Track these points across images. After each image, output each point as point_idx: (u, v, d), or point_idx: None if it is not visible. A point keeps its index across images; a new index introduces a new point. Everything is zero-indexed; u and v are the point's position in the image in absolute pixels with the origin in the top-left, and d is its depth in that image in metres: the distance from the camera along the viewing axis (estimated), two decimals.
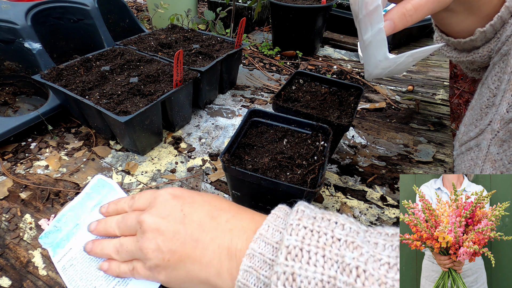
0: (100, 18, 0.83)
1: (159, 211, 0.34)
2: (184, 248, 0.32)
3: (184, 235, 0.32)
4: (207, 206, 0.35)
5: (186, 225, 0.33)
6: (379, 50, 0.36)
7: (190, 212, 0.34)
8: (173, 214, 0.34)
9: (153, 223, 0.33)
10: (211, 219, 0.33)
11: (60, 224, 0.48)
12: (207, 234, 0.32)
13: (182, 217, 0.33)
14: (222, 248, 0.31)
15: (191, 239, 0.32)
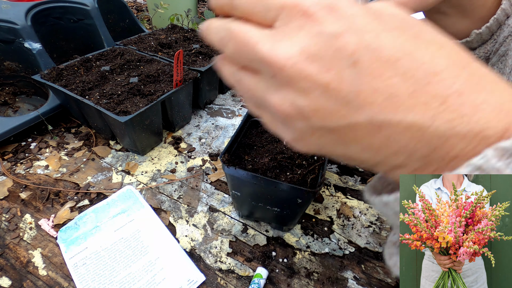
0: (100, 18, 0.83)
1: (303, 47, 0.17)
2: (352, 131, 0.18)
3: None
4: (405, 62, 0.17)
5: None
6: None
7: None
8: (337, 66, 0.16)
9: (292, 68, 0.17)
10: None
11: (80, 222, 0.49)
12: (401, 115, 0.17)
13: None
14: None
15: (366, 121, 0.17)
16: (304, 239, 0.50)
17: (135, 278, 0.43)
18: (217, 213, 0.54)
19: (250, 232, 0.51)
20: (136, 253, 0.47)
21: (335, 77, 0.16)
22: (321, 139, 0.19)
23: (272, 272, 0.46)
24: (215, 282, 0.44)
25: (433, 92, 0.16)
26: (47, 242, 0.48)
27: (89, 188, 0.57)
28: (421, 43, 0.16)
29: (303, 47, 0.16)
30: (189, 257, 0.47)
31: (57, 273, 0.44)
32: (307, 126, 0.18)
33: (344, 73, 0.16)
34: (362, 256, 0.49)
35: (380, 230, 0.53)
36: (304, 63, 0.16)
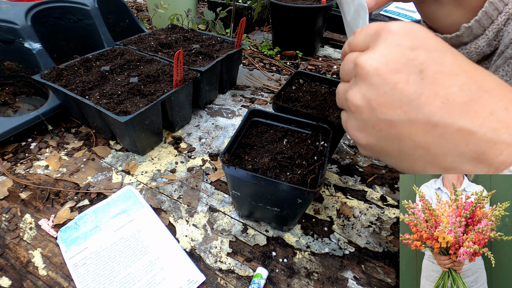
0: (100, 18, 0.83)
1: (383, 53, 0.22)
2: (409, 127, 0.21)
3: (414, 107, 0.21)
4: (462, 78, 0.21)
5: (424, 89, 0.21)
6: (361, 20, 0.36)
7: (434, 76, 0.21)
8: (407, 71, 0.21)
9: (370, 67, 0.22)
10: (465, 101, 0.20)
11: (80, 222, 0.49)
12: (455, 119, 0.20)
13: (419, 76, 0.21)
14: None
15: (423, 119, 0.21)
16: (304, 239, 0.50)
17: (135, 278, 0.44)
18: (217, 213, 0.54)
19: (250, 232, 0.51)
20: (136, 253, 0.47)
21: (403, 78, 0.21)
22: (380, 132, 0.23)
23: (272, 272, 0.46)
24: (215, 282, 0.44)
25: (483, 104, 0.20)
26: (47, 242, 0.48)
27: (89, 188, 0.57)
28: (471, 64, 0.21)
29: (383, 52, 0.22)
30: (189, 257, 0.47)
31: (57, 273, 0.44)
32: (372, 117, 0.22)
33: (411, 77, 0.21)
34: (362, 256, 0.49)
35: (380, 230, 0.53)
36: (380, 64, 0.21)
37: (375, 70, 0.22)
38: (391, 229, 0.53)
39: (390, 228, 0.53)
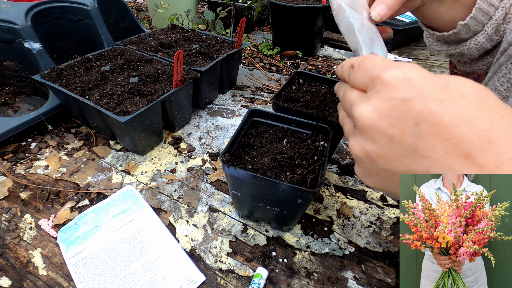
0: (100, 18, 0.83)
1: (376, 107, 0.22)
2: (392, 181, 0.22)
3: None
4: (463, 129, 0.19)
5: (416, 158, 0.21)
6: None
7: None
8: (402, 124, 0.21)
9: (366, 121, 0.22)
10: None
11: (80, 222, 0.49)
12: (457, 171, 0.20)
13: (416, 135, 0.20)
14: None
15: (423, 171, 0.21)
16: (304, 239, 0.50)
17: (135, 278, 0.44)
18: (217, 213, 0.54)
19: (250, 232, 0.51)
20: (136, 253, 0.47)
21: (399, 131, 0.21)
22: (384, 179, 0.24)
23: (272, 272, 0.46)
24: (215, 282, 0.44)
25: (488, 157, 0.18)
26: (47, 242, 0.48)
27: (89, 188, 0.57)
28: (483, 112, 0.19)
29: (376, 106, 0.22)
30: (189, 257, 0.47)
31: (57, 273, 0.44)
32: (373, 167, 0.23)
33: (407, 130, 0.20)
34: (362, 256, 0.49)
35: (380, 230, 0.53)
36: (375, 118, 0.21)
37: (370, 125, 0.22)
38: (391, 229, 0.53)
39: (390, 228, 0.53)
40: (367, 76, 0.24)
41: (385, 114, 0.21)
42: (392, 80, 0.21)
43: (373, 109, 0.22)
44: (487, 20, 0.36)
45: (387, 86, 0.21)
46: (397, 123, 0.21)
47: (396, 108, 0.20)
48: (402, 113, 0.20)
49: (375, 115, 0.22)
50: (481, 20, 0.36)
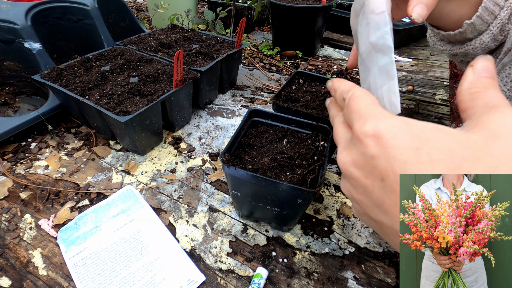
0: (100, 18, 0.83)
1: (354, 158, 0.24)
2: (384, 227, 0.24)
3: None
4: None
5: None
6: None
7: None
8: (372, 177, 0.23)
9: (346, 170, 0.25)
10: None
11: (80, 222, 0.49)
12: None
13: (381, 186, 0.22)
14: None
15: (390, 225, 0.23)
16: (304, 239, 0.50)
17: (135, 278, 0.44)
18: (217, 213, 0.54)
19: (250, 232, 0.51)
20: (136, 253, 0.47)
21: (370, 184, 0.23)
22: (370, 222, 0.25)
23: (272, 272, 0.46)
24: (215, 282, 0.44)
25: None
26: (47, 242, 0.48)
27: (89, 188, 0.57)
28: (446, 172, 0.20)
29: (353, 158, 0.24)
30: (189, 257, 0.47)
31: (57, 273, 0.44)
32: (360, 209, 0.25)
33: (375, 183, 0.22)
34: (362, 256, 0.49)
35: None
36: (353, 168, 0.24)
37: (350, 174, 0.24)
38: None
39: None
40: (351, 119, 0.26)
41: (360, 166, 0.23)
42: (364, 138, 0.23)
43: (352, 160, 0.24)
44: (492, 20, 0.36)
45: (361, 141, 0.23)
46: (368, 175, 0.23)
47: (367, 163, 0.23)
48: (371, 168, 0.22)
49: (353, 165, 0.24)
50: (486, 19, 0.36)
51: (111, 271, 0.44)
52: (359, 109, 0.25)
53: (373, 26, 0.31)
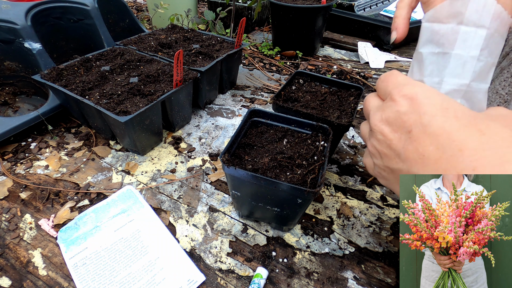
0: (100, 18, 0.83)
1: (386, 117, 0.27)
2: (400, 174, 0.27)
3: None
4: (442, 138, 0.24)
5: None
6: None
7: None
8: (400, 131, 0.26)
9: (377, 127, 0.28)
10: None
11: (80, 222, 0.49)
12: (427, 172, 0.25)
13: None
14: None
15: (406, 170, 0.26)
16: (304, 239, 0.50)
17: (135, 278, 0.44)
18: (217, 213, 0.54)
19: (250, 232, 0.51)
20: (136, 253, 0.47)
21: (396, 137, 0.26)
22: (388, 175, 0.28)
23: (272, 272, 0.46)
24: (215, 282, 0.44)
25: (453, 163, 0.22)
26: (47, 242, 0.48)
27: (89, 188, 0.57)
28: (467, 128, 0.22)
29: (385, 116, 0.27)
30: (189, 257, 0.47)
31: (57, 273, 0.44)
32: (381, 163, 0.28)
33: (402, 136, 0.25)
34: (362, 256, 0.49)
35: (380, 230, 0.53)
36: (383, 125, 0.27)
37: (380, 130, 0.27)
38: (391, 229, 0.53)
39: (390, 228, 0.53)
40: (386, 89, 0.29)
41: (390, 122, 0.26)
42: (398, 98, 0.26)
43: (384, 118, 0.27)
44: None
45: (395, 101, 0.26)
46: (397, 129, 0.26)
47: (398, 118, 0.26)
48: (401, 122, 0.25)
49: (384, 122, 0.27)
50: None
51: (111, 271, 0.44)
52: (397, 81, 0.28)
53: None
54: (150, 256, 0.46)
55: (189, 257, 0.47)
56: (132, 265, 0.45)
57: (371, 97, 0.32)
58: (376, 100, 0.31)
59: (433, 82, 0.30)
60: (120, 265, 0.45)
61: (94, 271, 0.44)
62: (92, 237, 0.48)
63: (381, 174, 0.30)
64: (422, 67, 0.31)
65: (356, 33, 1.25)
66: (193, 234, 0.50)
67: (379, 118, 0.28)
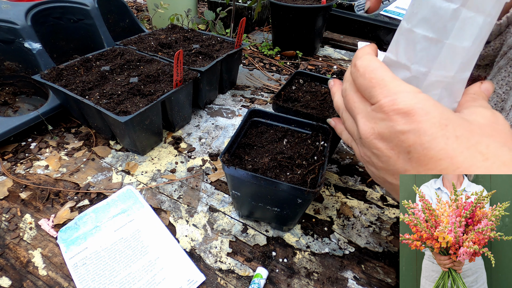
0: (100, 18, 0.83)
1: (381, 132, 0.26)
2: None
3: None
4: (444, 163, 0.23)
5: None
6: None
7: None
8: (398, 149, 0.25)
9: (371, 141, 0.26)
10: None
11: (80, 222, 0.49)
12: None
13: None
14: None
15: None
16: (304, 239, 0.50)
17: (135, 278, 0.44)
18: (217, 213, 0.54)
19: (250, 232, 0.51)
20: (136, 253, 0.47)
21: (395, 154, 0.25)
22: (385, 184, 0.28)
23: (272, 272, 0.46)
24: (215, 282, 0.44)
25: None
26: (47, 242, 0.48)
27: (89, 188, 0.57)
28: (469, 152, 0.22)
29: (379, 130, 0.25)
30: (189, 257, 0.47)
31: (57, 273, 0.44)
32: (376, 173, 0.28)
33: (400, 155, 0.24)
34: (362, 256, 0.49)
35: (380, 230, 0.53)
36: (377, 140, 0.26)
37: (374, 144, 0.26)
38: (391, 229, 0.53)
39: (390, 228, 0.53)
40: (371, 91, 0.26)
41: (386, 138, 0.25)
42: (394, 115, 0.24)
43: (377, 133, 0.25)
44: (505, 26, 0.37)
45: (390, 118, 0.24)
46: (395, 147, 0.25)
47: (395, 137, 0.24)
48: (399, 142, 0.24)
49: (378, 138, 0.26)
50: (507, 23, 0.37)
51: (111, 271, 0.44)
52: (384, 83, 0.25)
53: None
54: (150, 256, 0.46)
55: (189, 257, 0.47)
56: (132, 265, 0.45)
57: (352, 92, 0.29)
58: (359, 99, 0.28)
59: (419, 72, 0.28)
60: (120, 265, 0.45)
61: (94, 271, 0.44)
62: (92, 237, 0.48)
63: (376, 179, 0.29)
64: (411, 51, 0.28)
65: (356, 33, 1.25)
66: (193, 234, 0.50)
67: (370, 131, 0.26)
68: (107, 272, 0.44)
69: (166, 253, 0.47)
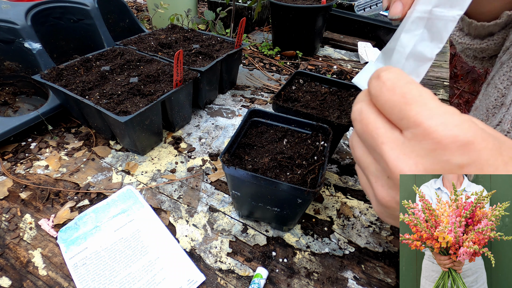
0: (100, 18, 0.83)
1: (427, 168, 0.20)
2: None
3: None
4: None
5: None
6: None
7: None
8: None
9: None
10: None
11: (80, 222, 0.49)
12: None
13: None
14: None
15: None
16: (304, 239, 0.50)
17: (135, 278, 0.44)
18: (217, 213, 0.54)
19: (250, 232, 0.51)
20: (136, 253, 0.47)
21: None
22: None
23: (272, 272, 0.46)
24: (215, 282, 0.44)
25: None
26: (47, 242, 0.48)
27: (89, 188, 0.57)
28: None
29: (427, 167, 0.19)
30: (189, 257, 0.47)
31: (57, 273, 0.44)
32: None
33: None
34: (362, 256, 0.49)
35: (380, 230, 0.53)
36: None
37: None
38: (391, 229, 0.53)
39: (390, 228, 0.53)
40: (408, 112, 0.19)
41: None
42: (449, 143, 0.18)
43: (424, 169, 0.19)
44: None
45: (442, 146, 0.18)
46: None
47: (450, 171, 0.19)
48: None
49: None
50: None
51: (111, 271, 0.44)
52: (423, 100, 0.19)
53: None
54: (150, 256, 0.46)
55: (189, 257, 0.47)
56: (132, 265, 0.45)
57: (371, 114, 0.22)
58: (382, 123, 0.21)
59: (423, 10, 0.26)
60: (120, 265, 0.45)
61: (94, 271, 0.44)
62: (92, 237, 0.48)
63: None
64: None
65: (356, 33, 1.25)
66: (193, 234, 0.50)
67: (416, 169, 0.19)
68: (107, 272, 0.44)
69: (166, 253, 0.47)
